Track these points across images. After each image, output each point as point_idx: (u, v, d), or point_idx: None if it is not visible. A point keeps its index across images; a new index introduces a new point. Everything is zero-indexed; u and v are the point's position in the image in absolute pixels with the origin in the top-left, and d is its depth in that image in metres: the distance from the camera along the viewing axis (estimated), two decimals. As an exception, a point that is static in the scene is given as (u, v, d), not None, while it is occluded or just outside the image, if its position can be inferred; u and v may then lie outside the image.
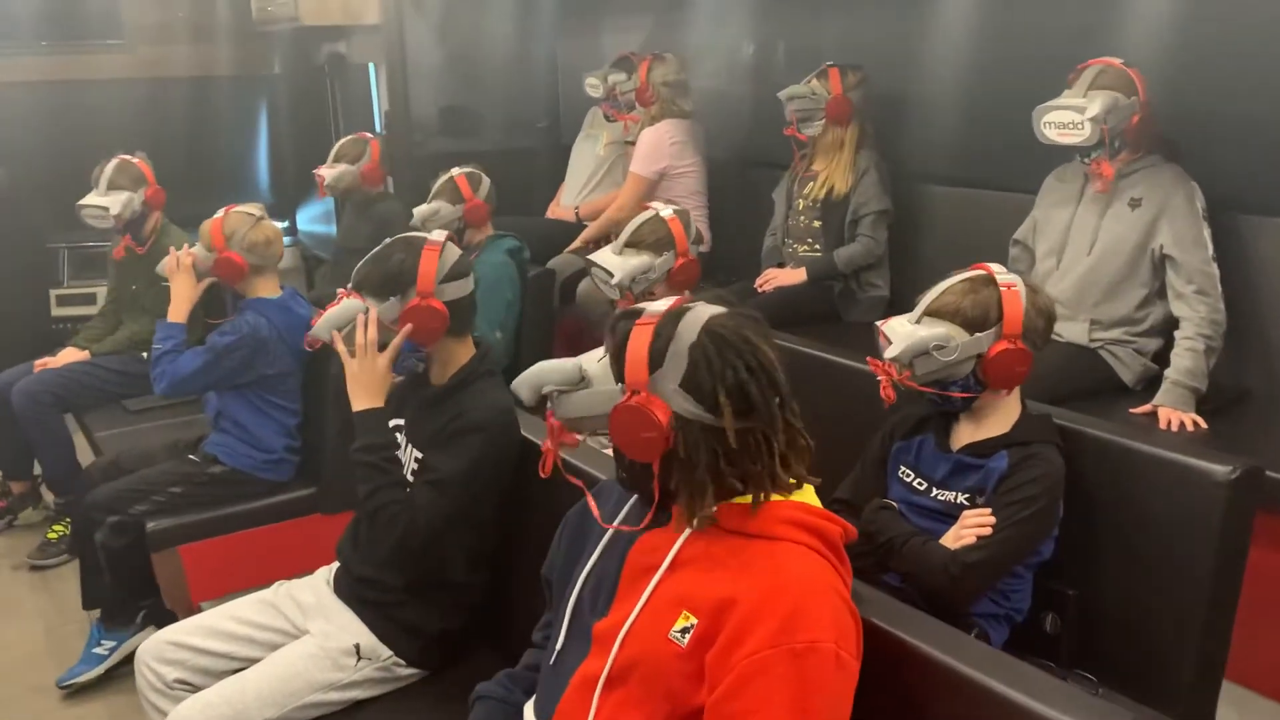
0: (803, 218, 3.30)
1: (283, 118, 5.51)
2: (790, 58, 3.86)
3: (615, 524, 1.39)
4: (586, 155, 4.30)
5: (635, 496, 1.38)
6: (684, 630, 1.22)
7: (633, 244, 2.50)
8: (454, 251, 1.98)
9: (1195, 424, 2.35)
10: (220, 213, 2.68)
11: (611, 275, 2.46)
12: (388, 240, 2.00)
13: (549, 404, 1.38)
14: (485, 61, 4.60)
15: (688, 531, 1.28)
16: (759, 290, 3.30)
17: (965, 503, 1.86)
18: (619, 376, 1.27)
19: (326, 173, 3.87)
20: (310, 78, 5.37)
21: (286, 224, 5.64)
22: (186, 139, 4.90)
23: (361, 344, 1.94)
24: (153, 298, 3.02)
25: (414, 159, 4.39)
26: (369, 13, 4.37)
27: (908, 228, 3.26)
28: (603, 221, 3.89)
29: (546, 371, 1.36)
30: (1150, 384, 2.52)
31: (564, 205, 4.31)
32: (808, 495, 1.32)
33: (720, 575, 1.23)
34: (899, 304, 3.23)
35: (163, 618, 2.66)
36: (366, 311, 1.93)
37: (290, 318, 2.63)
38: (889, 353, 1.85)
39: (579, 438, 1.42)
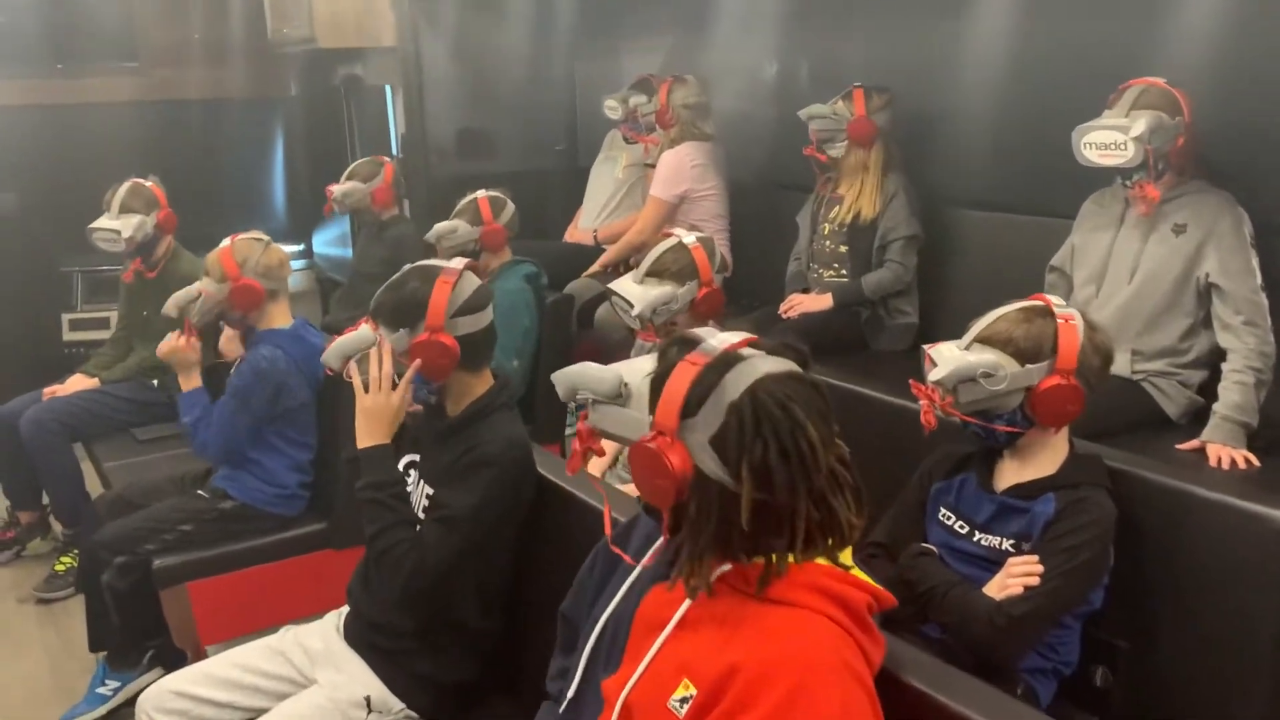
0: (828, 242, 3.20)
1: (298, 140, 5.48)
2: (814, 78, 3.78)
3: (645, 561, 1.31)
4: (605, 178, 4.24)
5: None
6: (683, 700, 1.14)
7: (654, 273, 2.42)
8: (470, 283, 1.89)
9: (1247, 461, 2.23)
10: (226, 242, 2.61)
11: (632, 306, 2.37)
12: (406, 267, 1.93)
13: (584, 405, 1.31)
14: (502, 83, 4.54)
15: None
16: (783, 316, 3.21)
17: (1010, 549, 1.76)
18: (654, 408, 1.18)
19: (336, 189, 3.83)
20: (326, 100, 5.34)
21: (302, 246, 5.61)
22: (202, 162, 4.88)
23: (376, 378, 1.86)
24: (164, 323, 2.96)
25: (430, 181, 4.34)
26: (385, 35, 4.34)
27: (938, 253, 3.16)
28: (622, 245, 3.82)
29: (588, 378, 1.29)
30: (1196, 418, 2.41)
31: (582, 228, 4.24)
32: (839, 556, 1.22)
33: (727, 641, 1.14)
34: (929, 331, 3.14)
35: (170, 658, 2.59)
36: (380, 344, 1.86)
37: (305, 347, 2.56)
38: (933, 375, 1.75)
39: (607, 452, 1.36)
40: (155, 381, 3.41)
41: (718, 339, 1.19)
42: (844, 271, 3.18)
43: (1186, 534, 1.75)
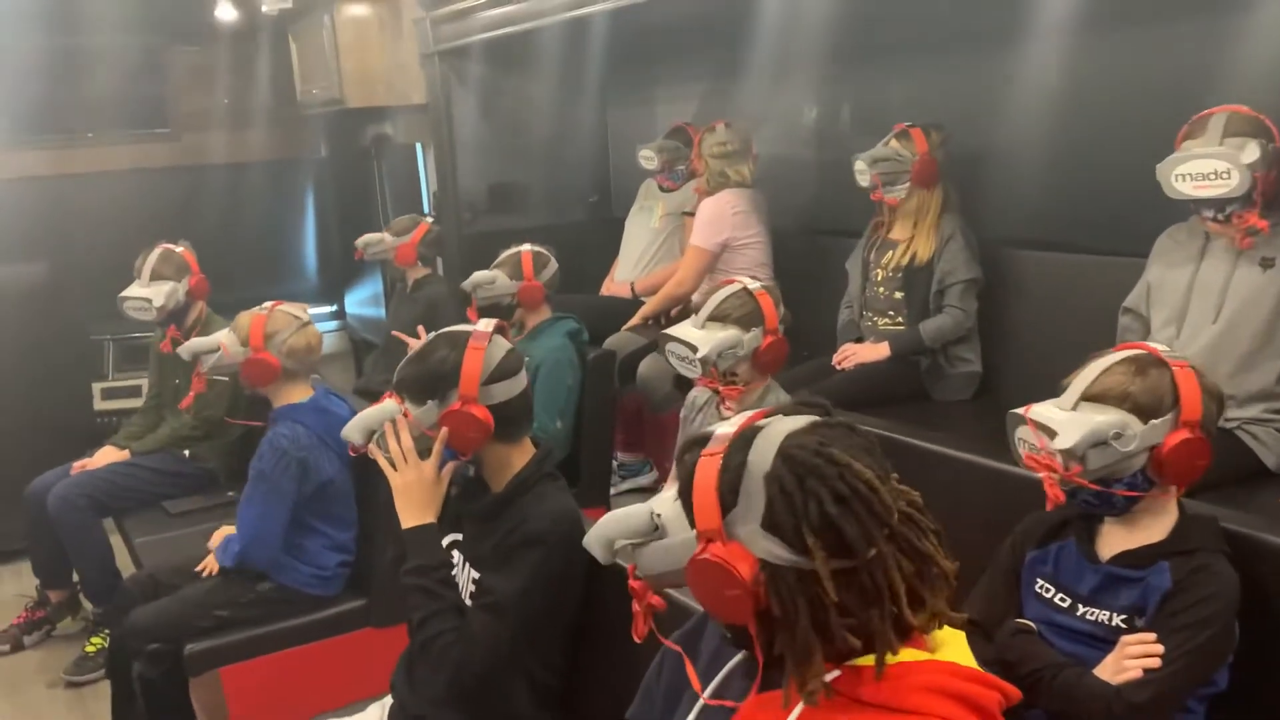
0: (882, 289, 3.06)
1: (329, 200, 5.47)
2: (856, 119, 3.67)
3: (708, 693, 1.15)
4: (641, 228, 4.14)
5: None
6: None
7: (717, 318, 2.28)
8: (501, 347, 1.77)
9: (1362, 514, 2.04)
10: (265, 307, 2.51)
11: (695, 349, 2.23)
12: (432, 335, 1.81)
13: (627, 559, 1.16)
14: (534, 136, 4.47)
15: (800, 708, 1.03)
16: (837, 367, 3.06)
17: (1121, 624, 1.59)
18: (692, 521, 1.06)
19: (363, 237, 3.88)
20: (356, 159, 5.31)
21: (334, 307, 5.56)
22: (233, 225, 4.86)
23: (398, 454, 1.74)
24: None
25: (461, 238, 4.26)
26: (414, 93, 4.30)
27: (997, 297, 3.00)
28: (661, 296, 3.69)
29: (616, 523, 1.16)
30: (1296, 467, 2.23)
31: (619, 280, 4.14)
32: (955, 650, 1.06)
33: None
34: (991, 380, 2.99)
35: (190, 754, 2.45)
36: (397, 419, 1.74)
37: (328, 419, 2.44)
38: (1059, 443, 1.58)
39: (663, 602, 1.22)
40: (187, 452, 3.31)
41: (728, 424, 1.09)
42: (899, 319, 3.04)
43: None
